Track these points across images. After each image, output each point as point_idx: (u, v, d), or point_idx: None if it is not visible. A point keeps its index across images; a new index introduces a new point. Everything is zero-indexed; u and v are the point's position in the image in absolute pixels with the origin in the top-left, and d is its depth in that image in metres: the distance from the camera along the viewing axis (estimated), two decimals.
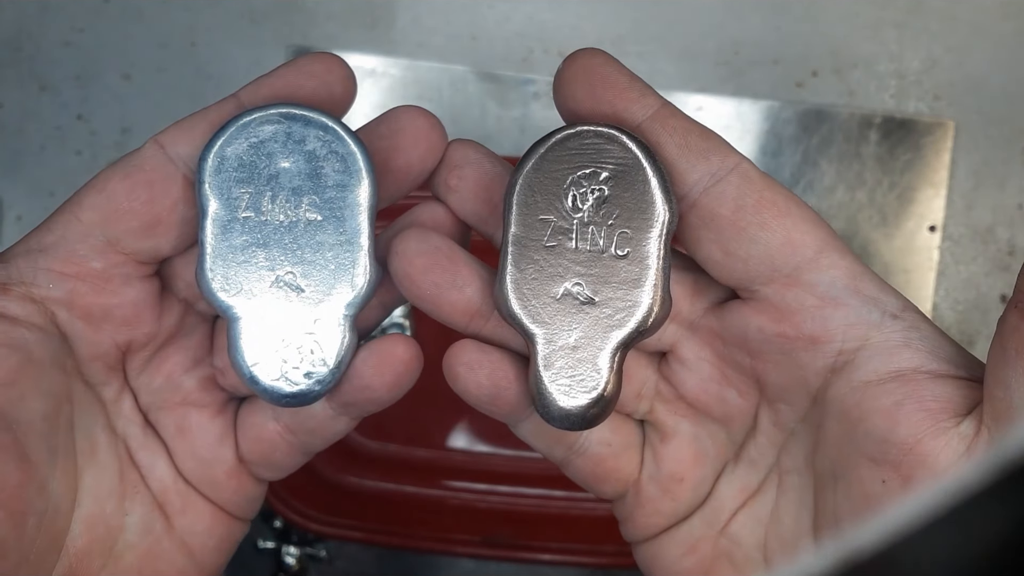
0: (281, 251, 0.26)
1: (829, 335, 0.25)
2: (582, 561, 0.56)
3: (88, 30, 0.58)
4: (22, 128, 0.59)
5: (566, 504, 0.56)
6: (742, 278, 0.26)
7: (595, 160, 0.26)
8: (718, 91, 0.58)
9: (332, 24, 0.58)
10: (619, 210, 0.26)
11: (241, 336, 0.26)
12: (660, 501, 0.28)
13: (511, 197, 0.26)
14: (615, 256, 0.26)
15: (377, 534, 0.55)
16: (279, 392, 0.26)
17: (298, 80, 0.27)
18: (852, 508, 0.24)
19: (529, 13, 0.58)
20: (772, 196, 0.25)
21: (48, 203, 0.58)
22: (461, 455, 0.56)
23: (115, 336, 0.27)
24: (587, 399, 0.26)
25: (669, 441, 0.28)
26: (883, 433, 0.24)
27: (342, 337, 0.26)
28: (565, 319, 0.26)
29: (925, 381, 0.24)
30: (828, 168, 0.58)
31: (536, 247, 0.26)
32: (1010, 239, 0.58)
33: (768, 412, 0.27)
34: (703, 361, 0.27)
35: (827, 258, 0.25)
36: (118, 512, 0.28)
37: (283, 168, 0.26)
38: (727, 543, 0.28)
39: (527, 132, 0.58)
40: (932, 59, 0.58)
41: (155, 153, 0.27)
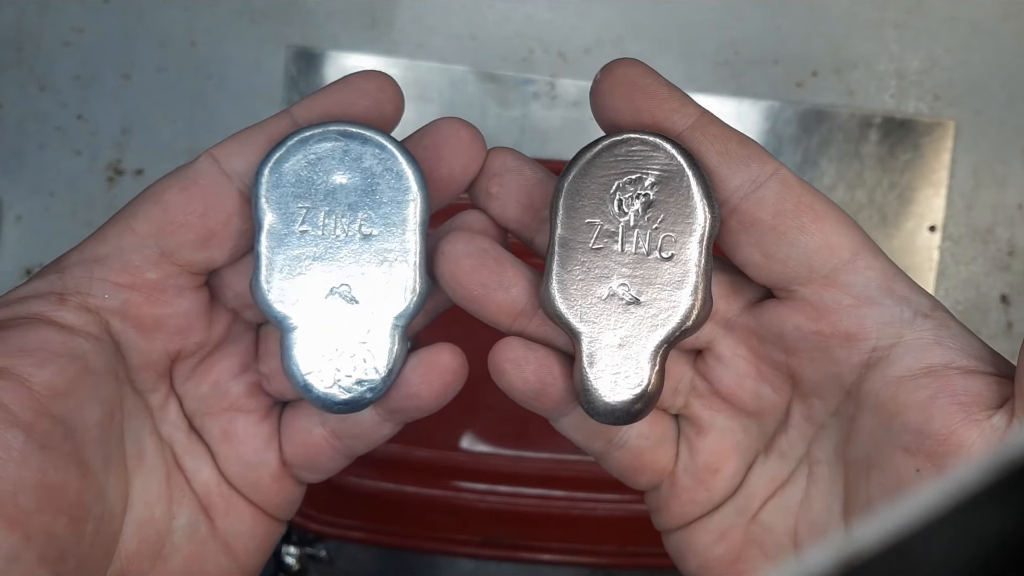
0: (336, 264, 0.27)
1: (865, 333, 0.26)
2: (582, 561, 0.56)
3: (88, 30, 0.58)
4: (22, 128, 0.59)
5: (566, 504, 0.56)
6: (780, 279, 0.27)
7: (640, 166, 0.27)
8: (718, 91, 0.58)
9: (332, 24, 0.58)
10: (663, 214, 0.27)
11: (295, 345, 0.27)
12: (695, 491, 0.29)
13: (558, 201, 0.27)
14: (659, 259, 0.27)
15: (377, 534, 0.55)
16: (332, 400, 0.27)
17: (350, 98, 0.28)
18: (887, 495, 0.25)
19: (529, 13, 0.58)
20: (810, 201, 0.26)
21: (48, 203, 0.58)
22: (461, 455, 0.56)
23: (166, 345, 0.28)
24: (631, 395, 0.27)
25: (704, 435, 0.29)
26: (918, 425, 0.25)
27: (393, 347, 0.27)
28: (610, 318, 0.27)
29: (956, 376, 0.25)
30: (828, 168, 0.58)
31: (582, 249, 0.27)
32: (1010, 239, 0.58)
33: (800, 406, 0.28)
34: (739, 358, 0.28)
35: (863, 260, 0.26)
36: (166, 516, 0.29)
37: (339, 184, 0.27)
38: (757, 530, 0.29)
39: (527, 132, 0.58)
40: (932, 59, 0.58)
41: (210, 167, 0.27)
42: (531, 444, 0.56)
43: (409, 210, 0.27)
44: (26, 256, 0.59)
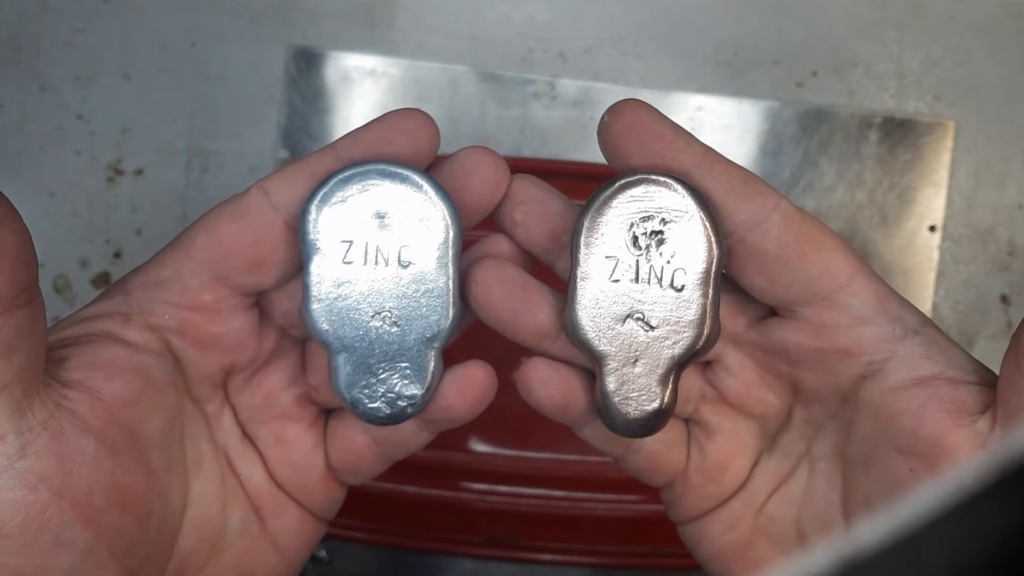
0: (378, 294, 0.30)
1: (861, 348, 0.29)
2: (582, 561, 0.56)
3: (88, 30, 0.58)
4: (22, 128, 0.59)
5: (566, 504, 0.56)
6: (784, 301, 0.30)
7: (653, 205, 0.30)
8: (718, 91, 0.58)
9: (332, 24, 0.58)
10: (675, 250, 0.30)
11: (342, 367, 0.30)
12: (705, 487, 0.32)
13: (578, 238, 0.30)
14: (672, 289, 0.30)
15: (377, 534, 0.55)
16: (377, 415, 0.30)
17: (390, 135, 0.30)
18: (882, 491, 0.29)
19: (529, 13, 0.58)
20: (809, 231, 0.29)
21: (48, 203, 0.58)
22: (462, 455, 0.56)
23: (221, 360, 0.31)
24: (647, 413, 0.30)
25: (713, 437, 0.32)
26: (911, 429, 0.28)
27: (431, 366, 0.30)
28: (628, 344, 0.30)
29: (944, 386, 0.28)
30: (828, 168, 0.58)
31: (602, 281, 0.30)
32: (1010, 239, 0.58)
33: (801, 410, 0.31)
34: (745, 368, 0.31)
35: (858, 283, 0.29)
36: (221, 515, 0.32)
37: (379, 218, 0.30)
38: (764, 521, 0.32)
39: (527, 132, 0.58)
40: (932, 59, 0.58)
41: (260, 199, 0.30)
42: (531, 444, 0.56)
43: (444, 241, 0.30)
44: None
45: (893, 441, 0.28)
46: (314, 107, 0.58)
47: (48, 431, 0.26)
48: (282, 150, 0.58)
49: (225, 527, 0.32)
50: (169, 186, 0.58)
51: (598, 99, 0.58)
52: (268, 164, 0.58)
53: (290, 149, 0.58)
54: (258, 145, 0.58)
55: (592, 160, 0.57)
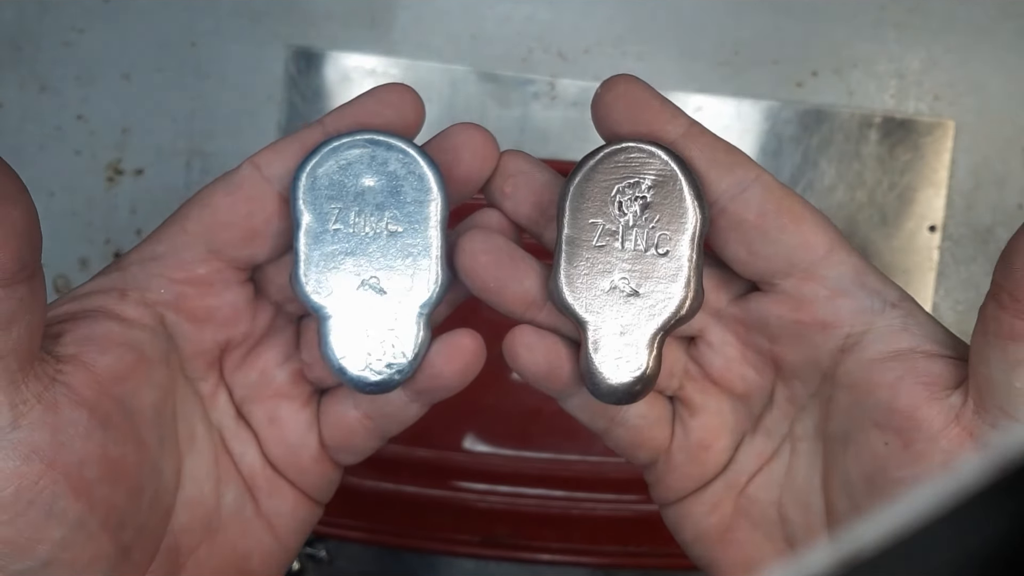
0: (366, 258, 0.30)
1: (839, 321, 0.29)
2: (582, 561, 0.56)
3: (88, 30, 0.58)
4: (22, 128, 0.59)
5: (566, 504, 0.56)
6: (764, 273, 0.30)
7: (638, 172, 0.30)
8: (718, 91, 0.58)
9: (332, 24, 0.58)
10: (659, 215, 0.30)
11: (331, 333, 0.30)
12: (688, 467, 0.32)
13: (564, 203, 0.30)
14: (656, 255, 0.30)
15: (377, 534, 0.55)
16: (364, 381, 0.30)
17: (377, 108, 0.30)
18: (860, 467, 0.29)
19: (529, 13, 0.58)
20: (790, 203, 0.29)
21: (48, 203, 0.58)
22: (461, 455, 0.56)
23: (216, 335, 0.31)
24: (631, 377, 0.30)
25: (697, 415, 0.32)
26: (887, 402, 0.28)
27: (418, 332, 0.30)
28: (612, 309, 0.30)
29: (921, 359, 0.28)
30: (828, 168, 0.58)
31: (587, 247, 0.30)
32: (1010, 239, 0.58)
33: (783, 389, 0.31)
34: (727, 345, 0.31)
35: (837, 256, 0.29)
36: (214, 494, 0.32)
37: (368, 186, 0.30)
38: (745, 502, 0.32)
39: (527, 132, 0.58)
40: (932, 59, 0.58)
41: (252, 173, 0.30)
42: (531, 444, 0.56)
43: (431, 209, 0.30)
44: None
45: (870, 414, 0.28)
46: (314, 107, 0.58)
47: (42, 403, 0.26)
48: None
49: (219, 507, 0.32)
50: (169, 186, 0.58)
51: None
52: None
53: None
54: (258, 145, 0.58)
55: None
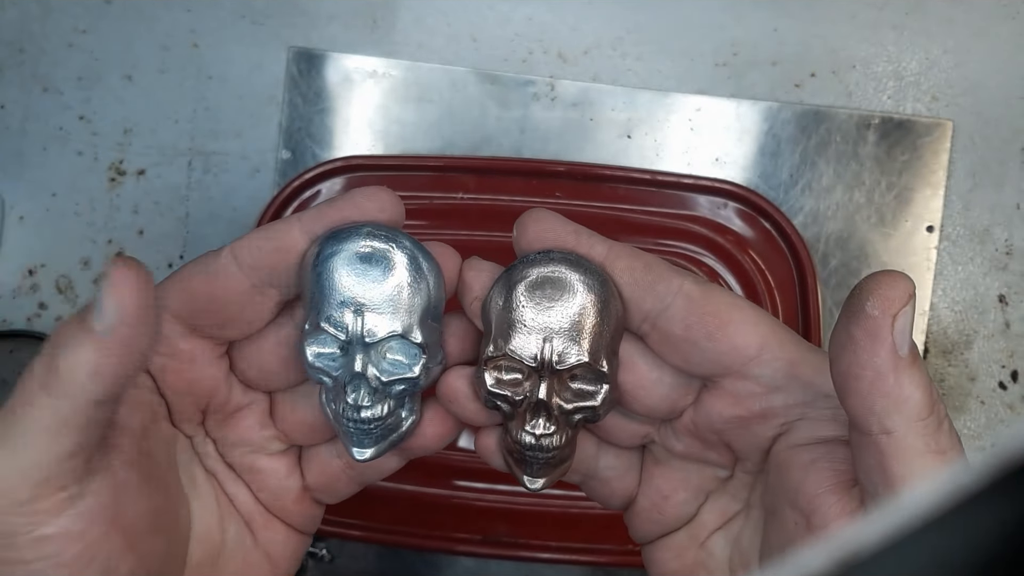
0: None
1: (774, 412, 0.31)
2: (581, 560, 0.56)
3: (90, 31, 0.59)
4: (24, 129, 0.59)
5: (565, 503, 0.56)
6: (703, 376, 0.31)
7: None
8: (717, 92, 0.58)
9: (333, 25, 0.58)
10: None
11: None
12: (650, 512, 0.35)
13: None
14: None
15: (377, 533, 0.55)
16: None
17: (352, 214, 0.31)
18: (778, 540, 0.31)
19: (529, 14, 0.58)
20: (713, 309, 0.30)
21: (50, 203, 0.58)
22: (461, 454, 0.57)
23: (197, 402, 0.33)
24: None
25: (660, 467, 0.35)
26: (796, 484, 0.30)
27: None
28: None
29: (841, 446, 0.29)
30: (826, 169, 0.58)
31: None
32: (1008, 239, 0.58)
33: (740, 464, 0.34)
34: (684, 435, 0.34)
35: (768, 353, 0.30)
36: (219, 530, 0.34)
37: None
38: (704, 555, 0.34)
39: (527, 132, 0.58)
40: (930, 60, 0.59)
41: (229, 263, 0.31)
42: None
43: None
44: (28, 256, 0.59)
45: (786, 494, 0.30)
46: (315, 108, 0.58)
47: (102, 468, 0.28)
48: (284, 151, 0.58)
49: (224, 540, 0.34)
50: (171, 186, 0.59)
51: (598, 100, 0.58)
52: (270, 164, 0.58)
53: (291, 150, 0.58)
54: (260, 146, 0.58)
55: (592, 160, 0.58)
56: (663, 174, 0.56)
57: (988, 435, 0.58)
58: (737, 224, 0.56)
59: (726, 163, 0.58)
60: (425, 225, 0.56)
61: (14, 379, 0.57)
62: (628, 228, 0.56)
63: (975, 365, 0.58)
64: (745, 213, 0.56)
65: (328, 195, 0.56)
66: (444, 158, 0.57)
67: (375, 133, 0.58)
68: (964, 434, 0.58)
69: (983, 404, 0.58)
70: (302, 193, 0.56)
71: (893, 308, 0.26)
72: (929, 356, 0.58)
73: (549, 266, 0.31)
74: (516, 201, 0.57)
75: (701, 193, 0.56)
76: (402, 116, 0.58)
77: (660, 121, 0.58)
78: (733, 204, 0.56)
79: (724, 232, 0.56)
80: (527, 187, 0.57)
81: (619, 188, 0.57)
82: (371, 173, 0.56)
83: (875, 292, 0.26)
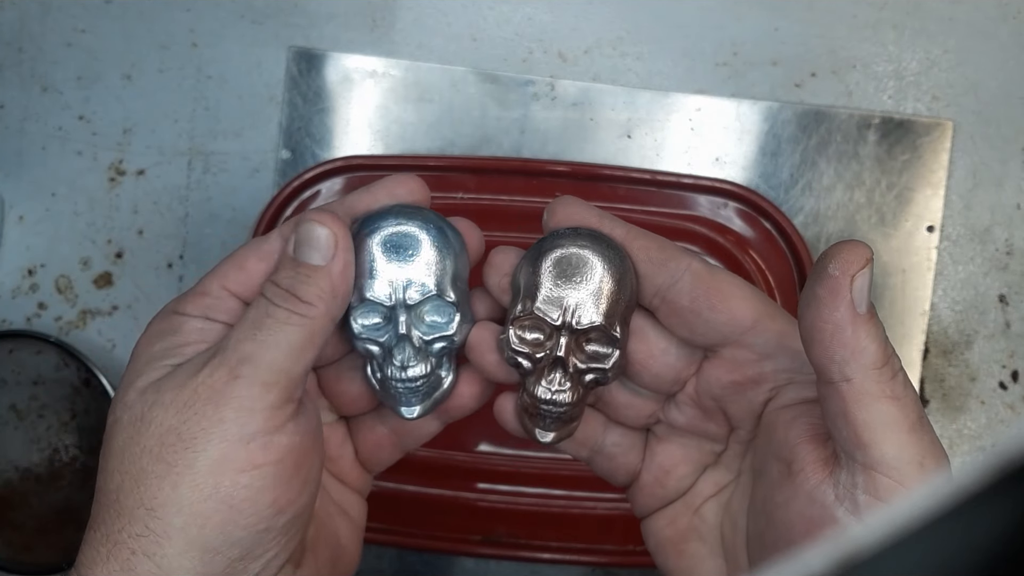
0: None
1: (765, 377, 0.35)
2: (582, 560, 0.56)
3: (90, 31, 0.59)
4: (24, 128, 0.59)
5: (566, 503, 0.56)
6: (705, 345, 0.35)
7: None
8: (717, 92, 0.58)
9: (333, 25, 0.58)
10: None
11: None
12: (653, 487, 0.38)
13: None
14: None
15: (377, 533, 0.55)
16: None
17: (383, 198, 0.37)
18: (762, 492, 0.34)
19: (529, 14, 0.58)
20: (717, 285, 0.34)
21: (50, 203, 0.58)
22: (461, 455, 0.57)
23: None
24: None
25: (663, 444, 0.38)
26: (781, 438, 0.34)
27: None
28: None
29: (820, 405, 0.32)
30: (827, 168, 0.58)
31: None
32: (1008, 239, 0.58)
33: (735, 434, 0.37)
34: (687, 405, 0.37)
35: (762, 325, 0.34)
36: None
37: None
38: (697, 520, 0.38)
39: (527, 132, 0.58)
40: (930, 60, 0.59)
41: (278, 243, 0.35)
42: (531, 444, 0.56)
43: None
44: (28, 256, 0.59)
45: (772, 448, 0.34)
46: (315, 108, 0.58)
47: (301, 411, 0.34)
48: (283, 150, 0.58)
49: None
50: (171, 186, 0.59)
51: (598, 100, 0.58)
52: (270, 164, 0.58)
53: (291, 150, 0.58)
54: (259, 146, 0.58)
55: (592, 160, 0.58)
56: (663, 174, 0.56)
57: (988, 435, 0.58)
58: (737, 224, 0.56)
59: (726, 163, 0.58)
60: None
61: (14, 379, 0.57)
62: None
63: (975, 365, 0.58)
64: (745, 213, 0.56)
65: (328, 195, 0.56)
66: (444, 158, 0.57)
67: (375, 133, 0.58)
68: (964, 434, 0.58)
69: (983, 404, 0.58)
70: (302, 193, 0.56)
71: (852, 269, 0.29)
72: (929, 356, 0.58)
73: (577, 240, 0.35)
74: (516, 201, 0.57)
75: (701, 193, 0.56)
76: (402, 116, 0.58)
77: (660, 121, 0.58)
78: (733, 204, 0.56)
79: (724, 232, 0.56)
80: (527, 187, 0.57)
81: (619, 188, 0.57)
82: (371, 173, 0.56)
83: (836, 256, 0.29)
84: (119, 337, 0.59)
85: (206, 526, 0.31)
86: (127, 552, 0.31)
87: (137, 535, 0.31)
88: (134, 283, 0.59)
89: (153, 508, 0.31)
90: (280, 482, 0.32)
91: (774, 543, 0.33)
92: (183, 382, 0.32)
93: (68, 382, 0.57)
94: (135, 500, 0.31)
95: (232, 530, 0.31)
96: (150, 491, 0.31)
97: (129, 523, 0.31)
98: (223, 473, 0.31)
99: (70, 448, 0.58)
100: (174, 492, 0.31)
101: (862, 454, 0.30)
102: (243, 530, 0.31)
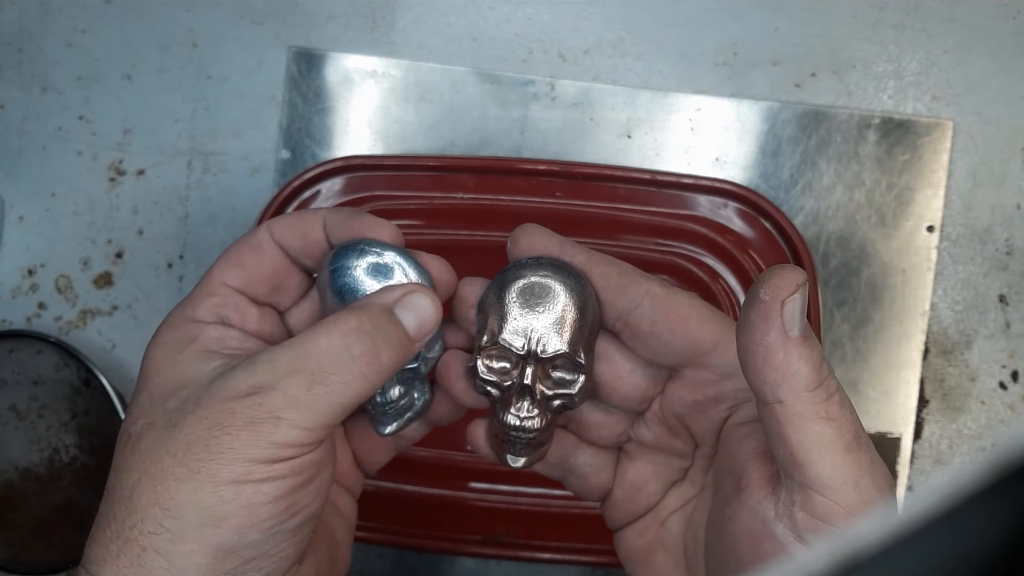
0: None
1: (724, 397, 0.36)
2: (581, 560, 0.56)
3: (90, 31, 0.59)
4: (24, 128, 0.59)
5: (565, 503, 0.56)
6: (668, 366, 0.36)
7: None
8: (717, 92, 0.58)
9: (333, 25, 0.58)
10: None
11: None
12: (625, 503, 0.39)
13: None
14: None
15: (377, 533, 0.55)
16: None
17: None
18: (718, 505, 0.35)
19: (529, 14, 0.58)
20: (676, 309, 0.35)
21: (50, 203, 0.58)
22: (461, 455, 0.57)
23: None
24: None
25: (633, 462, 0.39)
26: (733, 454, 0.35)
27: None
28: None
29: None
30: (827, 168, 0.58)
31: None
32: (1008, 239, 0.58)
33: (699, 450, 0.38)
34: (654, 424, 0.38)
35: (721, 347, 0.35)
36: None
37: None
38: (663, 532, 0.39)
39: (527, 132, 0.58)
40: (930, 60, 0.59)
41: (267, 236, 0.37)
42: None
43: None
44: (28, 256, 0.59)
45: (726, 464, 0.35)
46: (315, 108, 0.58)
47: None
48: (283, 151, 0.58)
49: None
50: (171, 186, 0.59)
51: (598, 100, 0.58)
52: (269, 164, 0.58)
53: (291, 150, 0.58)
54: (259, 146, 0.58)
55: (592, 160, 0.58)
56: (663, 174, 0.56)
57: (988, 435, 0.58)
58: (737, 224, 0.56)
59: (726, 163, 0.58)
60: (425, 225, 0.56)
61: (14, 379, 0.57)
62: (628, 228, 0.56)
63: (975, 365, 0.58)
64: (745, 213, 0.56)
65: (328, 195, 0.56)
66: (444, 158, 0.57)
67: (375, 133, 0.58)
68: (964, 434, 0.58)
69: (983, 404, 0.58)
70: (302, 193, 0.56)
71: (782, 295, 0.30)
72: (929, 356, 0.58)
73: (539, 270, 0.35)
74: (516, 201, 0.57)
75: (701, 193, 0.56)
76: (402, 116, 0.58)
77: (660, 121, 0.58)
78: (733, 204, 0.56)
79: (724, 232, 0.56)
80: (527, 187, 0.57)
81: (619, 188, 0.57)
82: (371, 173, 0.56)
83: (768, 281, 0.30)
84: (119, 337, 0.59)
85: (222, 527, 0.31)
86: (138, 549, 0.31)
87: (150, 532, 0.31)
88: (134, 283, 0.59)
89: (170, 508, 0.31)
90: (299, 490, 0.33)
91: (723, 556, 0.34)
92: (221, 399, 0.32)
93: (68, 382, 0.57)
94: (150, 499, 0.31)
95: (249, 533, 0.32)
96: (168, 492, 0.31)
97: (142, 520, 0.31)
98: (245, 484, 0.32)
99: (70, 448, 0.58)
100: (193, 496, 0.31)
101: (798, 473, 0.30)
102: (259, 533, 0.32)
